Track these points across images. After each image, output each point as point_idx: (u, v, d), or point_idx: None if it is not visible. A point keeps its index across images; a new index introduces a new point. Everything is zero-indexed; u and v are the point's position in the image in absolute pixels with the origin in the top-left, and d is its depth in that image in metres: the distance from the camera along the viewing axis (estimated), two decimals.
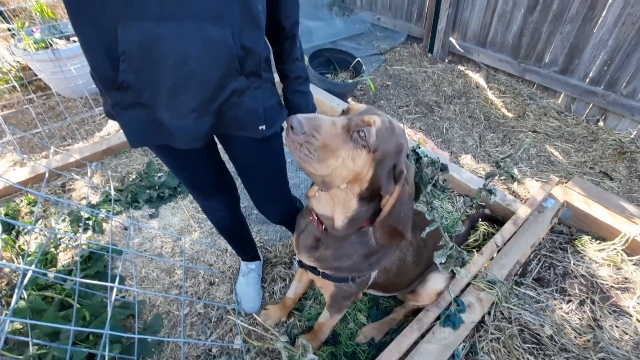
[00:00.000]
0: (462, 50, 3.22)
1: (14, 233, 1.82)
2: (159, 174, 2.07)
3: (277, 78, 1.06)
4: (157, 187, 2.00)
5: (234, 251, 1.64)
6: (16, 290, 1.07)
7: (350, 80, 2.65)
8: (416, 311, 1.40)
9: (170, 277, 1.65)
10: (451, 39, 3.28)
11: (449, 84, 3.00)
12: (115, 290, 1.20)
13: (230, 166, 1.29)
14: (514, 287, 1.58)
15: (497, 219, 1.79)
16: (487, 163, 2.27)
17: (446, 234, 1.02)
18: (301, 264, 1.10)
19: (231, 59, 0.77)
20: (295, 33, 0.96)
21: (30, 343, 1.30)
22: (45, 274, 1.45)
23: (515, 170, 0.96)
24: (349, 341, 1.38)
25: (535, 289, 1.61)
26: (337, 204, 0.85)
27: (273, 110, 0.94)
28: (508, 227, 1.64)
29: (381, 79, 3.06)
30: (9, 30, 2.73)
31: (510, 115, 2.70)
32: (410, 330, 1.29)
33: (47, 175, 1.64)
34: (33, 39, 2.57)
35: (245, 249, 1.53)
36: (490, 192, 0.96)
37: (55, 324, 1.35)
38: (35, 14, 2.78)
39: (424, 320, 1.31)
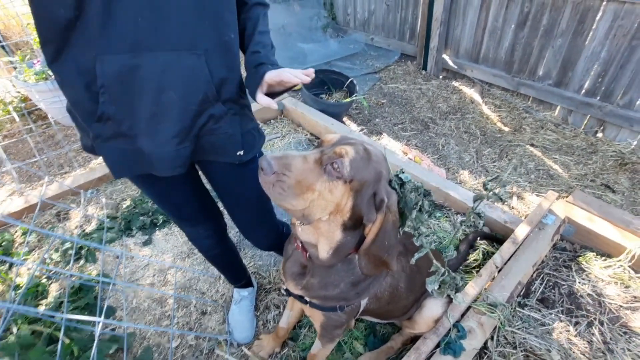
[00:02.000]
0: (456, 67, 3.24)
1: (6, 265, 1.80)
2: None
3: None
4: (150, 214, 1.98)
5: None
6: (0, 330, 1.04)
7: (344, 100, 2.66)
8: (414, 339, 1.34)
9: (161, 307, 1.61)
10: (444, 56, 3.31)
11: (443, 100, 3.00)
12: (102, 324, 1.16)
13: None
14: (517, 309, 1.52)
15: (497, 238, 1.74)
16: (485, 178, 2.23)
17: (437, 259, 0.98)
18: (289, 293, 1.06)
19: (208, 86, 0.78)
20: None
21: None
22: (28, 311, 1.42)
23: (504, 192, 0.93)
24: None
25: (540, 311, 1.54)
26: (321, 235, 0.82)
27: (251, 135, 0.94)
28: (507, 247, 1.59)
29: (376, 97, 3.08)
30: (11, 62, 2.80)
31: (506, 129, 2.68)
32: None
33: (39, 205, 1.63)
34: (34, 71, 2.63)
35: (237, 276, 1.50)
36: (479, 215, 0.93)
37: None
38: (36, 48, 2.86)
39: (422, 349, 1.25)
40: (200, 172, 1.09)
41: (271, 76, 0.84)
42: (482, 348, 1.36)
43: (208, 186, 1.15)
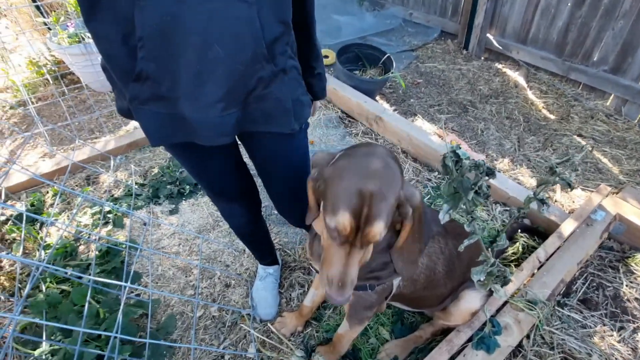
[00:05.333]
0: (500, 47, 3.01)
1: (37, 224, 1.84)
2: (181, 170, 2.04)
3: None
4: (178, 183, 1.97)
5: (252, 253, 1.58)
6: (28, 285, 1.04)
7: (379, 77, 2.52)
8: (445, 330, 1.28)
9: (186, 277, 1.60)
10: (488, 35, 3.07)
11: (485, 83, 2.81)
12: (128, 289, 1.15)
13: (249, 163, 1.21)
14: (556, 308, 1.42)
15: (539, 231, 1.62)
16: (526, 168, 2.09)
17: (487, 248, 0.90)
18: (317, 271, 1.01)
19: (258, 42, 0.69)
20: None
21: (43, 338, 1.29)
22: (58, 270, 1.44)
23: (574, 177, 0.83)
24: (369, 358, 1.27)
25: (581, 312, 1.44)
26: None
27: (300, 103, 0.86)
28: (552, 241, 1.48)
29: (412, 76, 2.92)
30: (45, 24, 2.80)
31: (552, 117, 2.48)
32: (438, 352, 1.16)
33: (69, 167, 1.63)
34: (67, 34, 2.62)
35: (264, 253, 1.46)
36: (542, 202, 0.83)
37: (68, 321, 1.33)
38: (71, 10, 2.84)
39: (455, 342, 1.19)
40: (239, 145, 1.03)
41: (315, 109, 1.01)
42: (517, 346, 1.28)
43: (245, 159, 1.09)
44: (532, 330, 1.32)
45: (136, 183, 2.00)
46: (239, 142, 1.03)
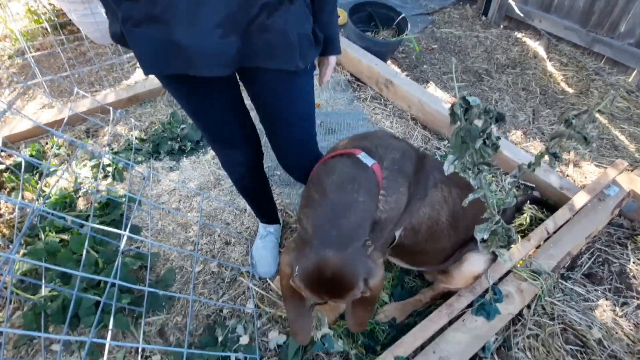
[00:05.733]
0: (522, 15, 2.84)
1: (36, 175, 1.81)
2: (182, 126, 1.98)
3: None
4: (179, 139, 1.91)
5: (252, 212, 1.55)
6: (23, 228, 1.02)
7: (392, 39, 2.39)
8: (445, 295, 1.26)
9: (186, 233, 1.58)
10: (510, 1, 2.89)
11: (502, 52, 2.67)
12: (126, 238, 1.13)
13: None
14: (560, 280, 1.40)
15: (548, 204, 1.58)
16: (539, 141, 2.02)
17: (493, 206, 0.85)
18: None
19: None
20: None
21: (43, 284, 1.29)
22: (61, 217, 1.42)
23: (592, 128, 0.77)
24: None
25: (585, 286, 1.42)
26: None
27: (307, 39, 0.78)
28: (562, 213, 1.43)
29: (426, 41, 2.77)
30: None
31: (570, 90, 2.37)
32: (438, 315, 1.15)
33: (67, 116, 1.58)
34: None
35: (265, 211, 1.43)
36: (555, 156, 0.78)
37: (66, 267, 1.32)
38: None
39: (455, 306, 1.17)
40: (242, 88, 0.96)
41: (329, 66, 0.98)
42: (517, 315, 1.27)
43: (247, 102, 1.03)
44: (534, 301, 1.30)
45: (136, 138, 1.94)
46: (241, 84, 0.96)
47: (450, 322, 1.19)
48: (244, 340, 1.25)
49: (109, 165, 1.81)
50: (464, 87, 2.38)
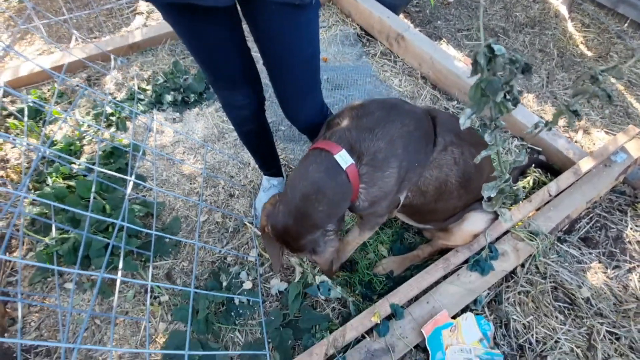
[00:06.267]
0: None
1: (40, 122, 1.80)
2: (185, 76, 1.93)
3: None
4: (182, 90, 1.88)
5: (256, 166, 1.55)
6: (30, 170, 1.03)
7: None
8: (442, 252, 1.30)
9: (190, 184, 1.60)
10: None
11: (522, 9, 2.52)
12: (132, 184, 1.15)
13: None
14: (556, 243, 1.43)
15: (553, 168, 1.57)
16: (551, 106, 1.96)
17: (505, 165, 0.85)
18: None
19: None
20: None
21: (53, 226, 1.33)
22: (71, 162, 1.43)
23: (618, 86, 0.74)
24: (366, 270, 1.31)
25: (580, 249, 1.45)
26: None
27: None
28: (566, 176, 1.43)
29: None
30: None
31: (589, 54, 2.27)
32: (434, 268, 1.19)
33: (66, 64, 1.54)
34: None
35: (268, 161, 1.43)
36: (576, 113, 0.76)
37: (75, 211, 1.36)
38: None
39: (452, 261, 1.21)
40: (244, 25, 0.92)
41: None
42: (510, 272, 1.31)
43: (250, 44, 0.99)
44: (528, 260, 1.34)
45: (138, 87, 1.90)
46: (243, 20, 0.92)
47: (445, 277, 1.24)
48: (247, 285, 1.31)
49: (112, 114, 1.79)
50: (477, 46, 2.27)
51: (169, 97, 1.84)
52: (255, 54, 1.01)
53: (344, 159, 0.87)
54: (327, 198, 0.88)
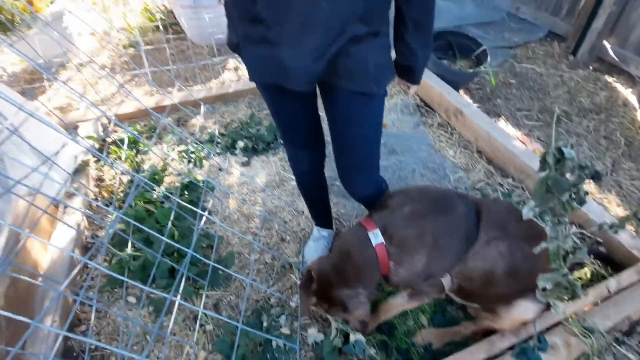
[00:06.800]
0: (617, 59, 2.67)
1: (134, 151, 2.12)
2: (258, 127, 2.18)
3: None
4: (253, 139, 2.12)
5: (309, 215, 1.67)
6: (129, 196, 1.23)
7: (469, 70, 2.40)
8: (486, 333, 1.26)
9: (248, 223, 1.76)
10: (605, 42, 2.74)
11: (588, 95, 2.54)
12: (204, 218, 1.31)
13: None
14: (613, 344, 1.32)
15: (614, 261, 1.49)
16: (615, 195, 1.89)
17: (547, 261, 0.87)
18: None
19: (357, 3, 0.77)
20: None
21: (129, 243, 1.52)
22: (153, 189, 1.66)
23: None
24: (404, 337, 1.31)
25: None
26: None
27: (382, 69, 0.92)
28: (629, 274, 1.35)
29: (504, 75, 2.73)
30: None
31: None
32: (476, 349, 1.16)
33: (169, 108, 1.84)
34: None
35: (321, 213, 1.55)
36: None
37: (151, 234, 1.55)
38: None
39: (496, 345, 1.18)
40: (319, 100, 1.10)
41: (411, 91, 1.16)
42: None
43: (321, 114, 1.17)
44: (580, 359, 1.25)
45: (218, 132, 2.18)
46: (320, 98, 1.10)
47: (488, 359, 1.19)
48: (286, 330, 1.37)
49: (192, 152, 2.06)
50: (537, 127, 2.31)
51: (241, 143, 2.08)
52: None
53: (375, 237, 1.04)
54: (356, 263, 1.06)
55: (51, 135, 1.72)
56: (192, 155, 2.06)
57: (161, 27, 2.88)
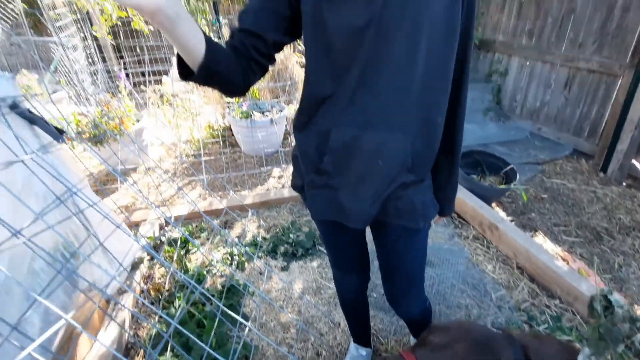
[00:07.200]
0: None
1: (184, 250, 2.29)
2: (298, 233, 2.32)
3: None
4: (293, 245, 2.24)
5: (346, 328, 1.65)
6: (183, 303, 1.33)
7: (499, 186, 2.53)
8: None
9: (284, 333, 1.75)
10: (634, 161, 2.83)
11: (626, 212, 2.52)
12: (239, 323, 1.35)
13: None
14: None
15: None
16: None
17: None
18: None
19: (407, 158, 0.92)
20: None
21: (169, 345, 1.55)
22: (204, 295, 1.75)
23: None
24: None
25: None
26: None
27: (427, 206, 1.03)
28: None
29: (535, 189, 2.82)
30: (228, 103, 3.74)
31: None
32: None
33: (224, 212, 2.06)
34: (241, 110, 3.44)
35: (360, 330, 1.53)
36: None
37: (191, 339, 1.59)
38: (249, 95, 3.75)
39: None
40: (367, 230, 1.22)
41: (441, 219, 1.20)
42: None
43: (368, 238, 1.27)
44: None
45: (261, 236, 2.34)
46: (370, 229, 1.22)
47: None
48: None
49: (236, 255, 2.19)
50: (578, 243, 2.27)
51: (282, 249, 2.20)
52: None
53: None
54: None
55: (118, 234, 1.94)
56: (236, 258, 2.19)
57: (220, 141, 3.36)
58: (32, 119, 1.38)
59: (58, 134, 1.45)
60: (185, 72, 0.80)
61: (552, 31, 3.36)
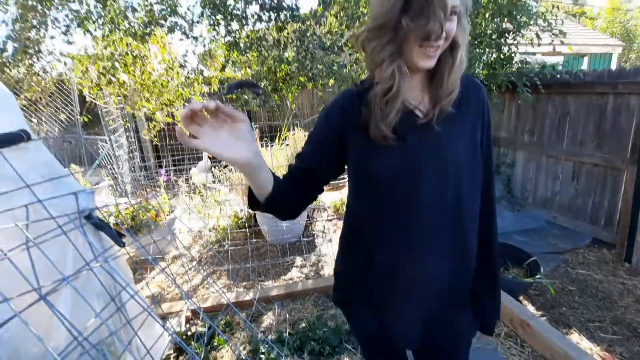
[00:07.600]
0: None
1: (208, 346, 2.27)
2: (324, 329, 2.31)
3: None
4: (320, 342, 2.21)
5: None
6: None
7: (525, 279, 2.53)
8: None
9: None
10: None
11: None
12: None
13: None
14: None
15: None
16: None
17: None
18: None
19: (445, 279, 1.00)
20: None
21: None
22: None
23: None
24: None
25: None
26: None
27: (466, 324, 1.08)
28: None
29: (561, 281, 2.79)
30: None
31: None
32: None
33: (254, 305, 2.10)
34: None
35: None
36: None
37: None
38: None
39: None
40: None
41: None
42: None
43: None
44: None
45: (287, 332, 2.33)
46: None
47: None
48: None
49: (263, 353, 2.17)
50: (616, 340, 2.18)
51: (309, 346, 2.17)
52: None
53: None
54: None
55: (149, 324, 1.98)
56: (262, 357, 2.15)
57: (246, 230, 3.53)
58: (100, 226, 1.58)
59: (119, 239, 1.63)
60: (253, 203, 0.98)
61: (551, 130, 3.67)
